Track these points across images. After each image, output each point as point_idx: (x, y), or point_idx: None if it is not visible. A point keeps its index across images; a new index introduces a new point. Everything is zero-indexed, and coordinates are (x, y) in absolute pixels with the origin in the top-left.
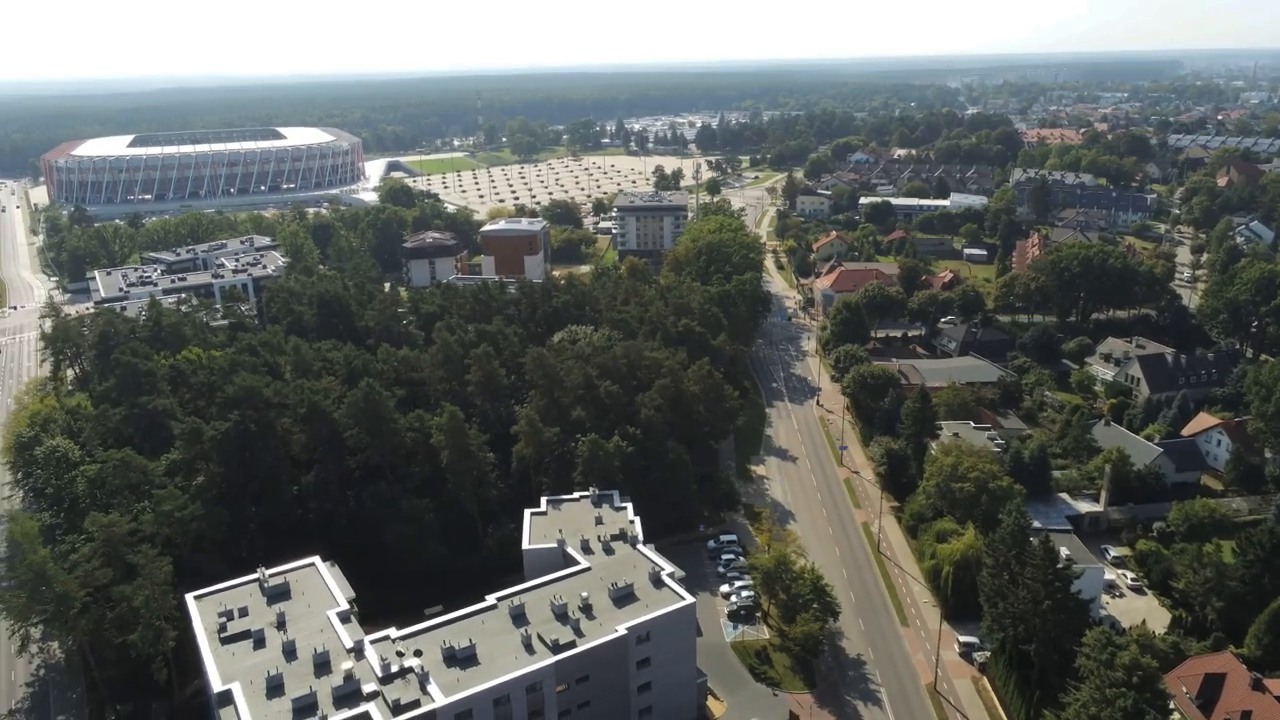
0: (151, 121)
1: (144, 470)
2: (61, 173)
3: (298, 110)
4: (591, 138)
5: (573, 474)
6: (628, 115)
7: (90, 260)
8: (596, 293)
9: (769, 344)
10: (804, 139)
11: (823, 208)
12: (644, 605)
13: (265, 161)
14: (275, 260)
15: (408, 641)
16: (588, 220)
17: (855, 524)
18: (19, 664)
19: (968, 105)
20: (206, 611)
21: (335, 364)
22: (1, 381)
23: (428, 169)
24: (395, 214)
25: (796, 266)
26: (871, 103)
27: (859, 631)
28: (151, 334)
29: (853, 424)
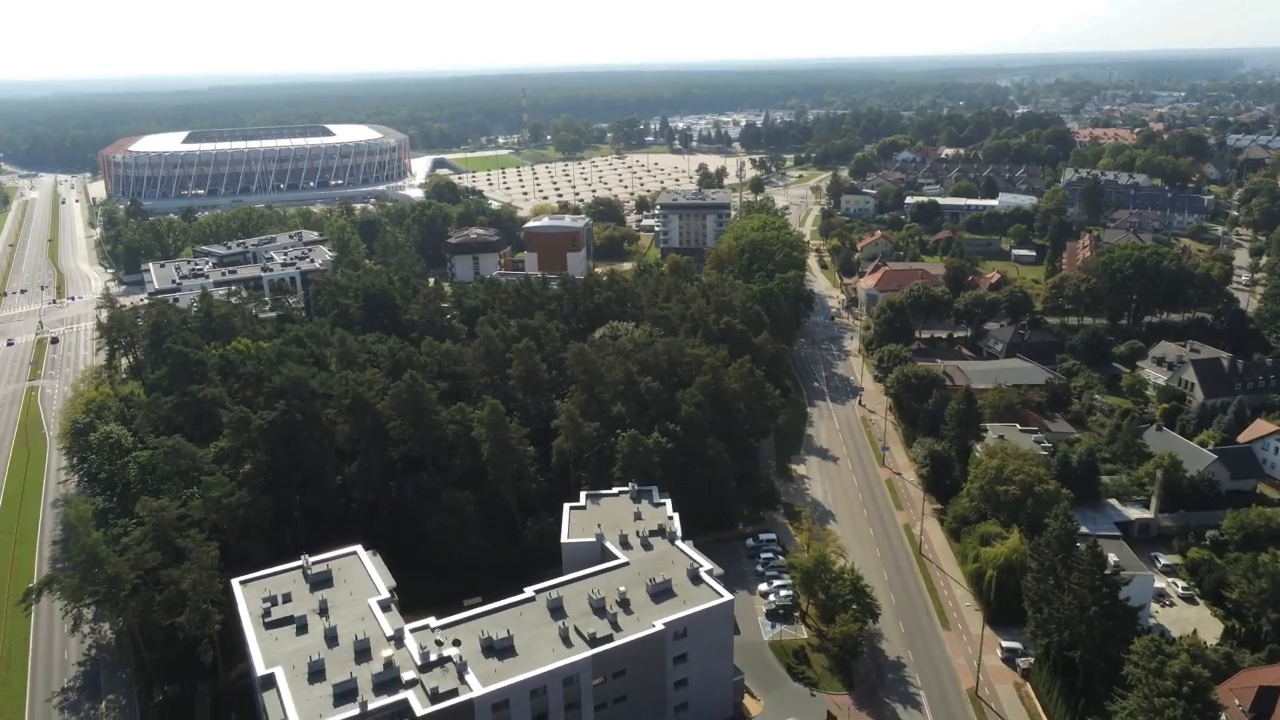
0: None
1: (193, 457)
2: (119, 168)
3: (347, 108)
4: (635, 136)
5: (612, 469)
6: (672, 114)
7: (145, 253)
8: (638, 289)
9: (811, 343)
10: (849, 138)
11: (867, 207)
12: (681, 601)
13: (314, 158)
14: (323, 254)
15: (447, 631)
16: (630, 218)
17: (897, 525)
18: (72, 643)
19: (1018, 104)
20: (251, 596)
21: (379, 356)
22: (59, 370)
23: (473, 166)
24: (440, 210)
25: (840, 266)
26: (919, 102)
27: (899, 634)
28: (202, 325)
29: (895, 425)
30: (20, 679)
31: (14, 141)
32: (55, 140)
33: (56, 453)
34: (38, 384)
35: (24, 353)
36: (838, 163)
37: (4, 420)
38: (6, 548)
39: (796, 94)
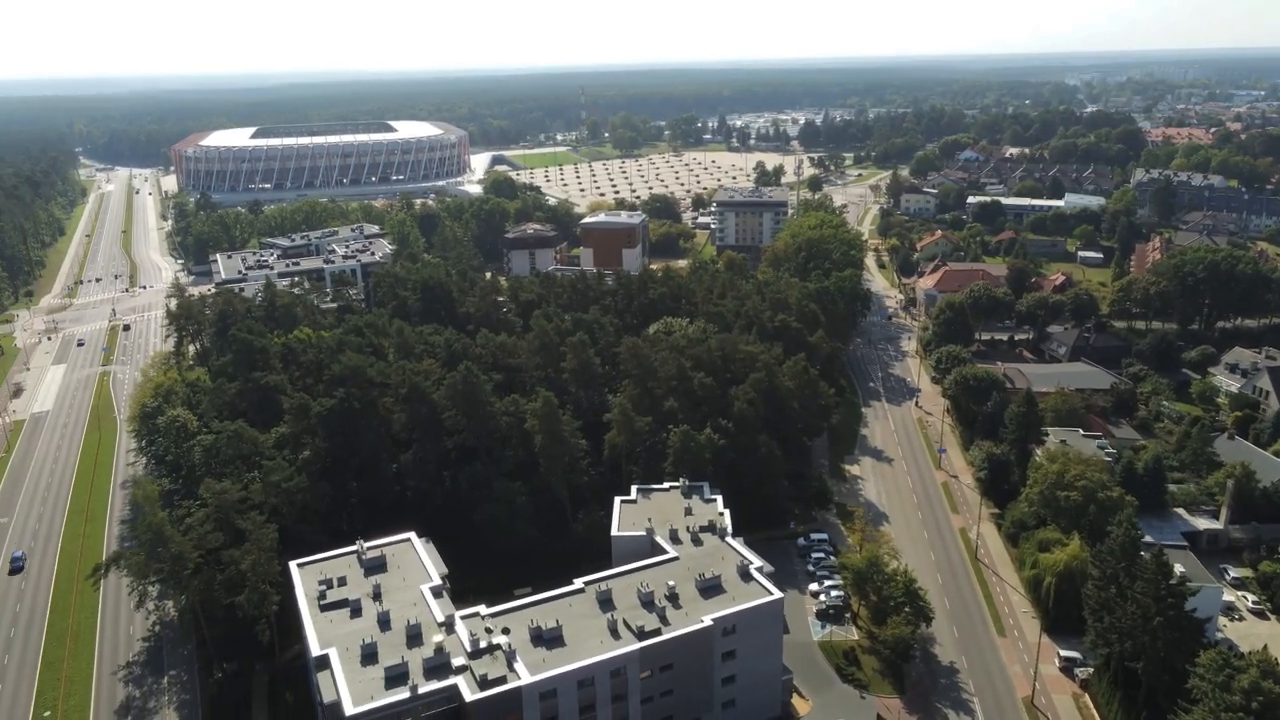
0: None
1: (255, 442)
2: (190, 162)
3: (409, 104)
4: (693, 133)
5: (663, 464)
6: (730, 111)
7: (213, 244)
8: (693, 286)
9: (867, 343)
10: (910, 136)
11: (928, 206)
12: (731, 598)
13: (377, 153)
14: (383, 248)
15: (497, 619)
16: (686, 215)
17: (952, 529)
18: (137, 619)
19: (1086, 103)
20: (308, 579)
21: (436, 347)
22: (130, 356)
23: (530, 163)
24: (498, 205)
25: (899, 265)
26: (983, 100)
27: (952, 639)
28: (266, 314)
29: (952, 427)
30: (89, 651)
31: (93, 136)
32: (131, 135)
33: (126, 435)
34: (110, 369)
35: (97, 339)
36: (898, 162)
37: (78, 404)
38: (78, 525)
39: (857, 92)
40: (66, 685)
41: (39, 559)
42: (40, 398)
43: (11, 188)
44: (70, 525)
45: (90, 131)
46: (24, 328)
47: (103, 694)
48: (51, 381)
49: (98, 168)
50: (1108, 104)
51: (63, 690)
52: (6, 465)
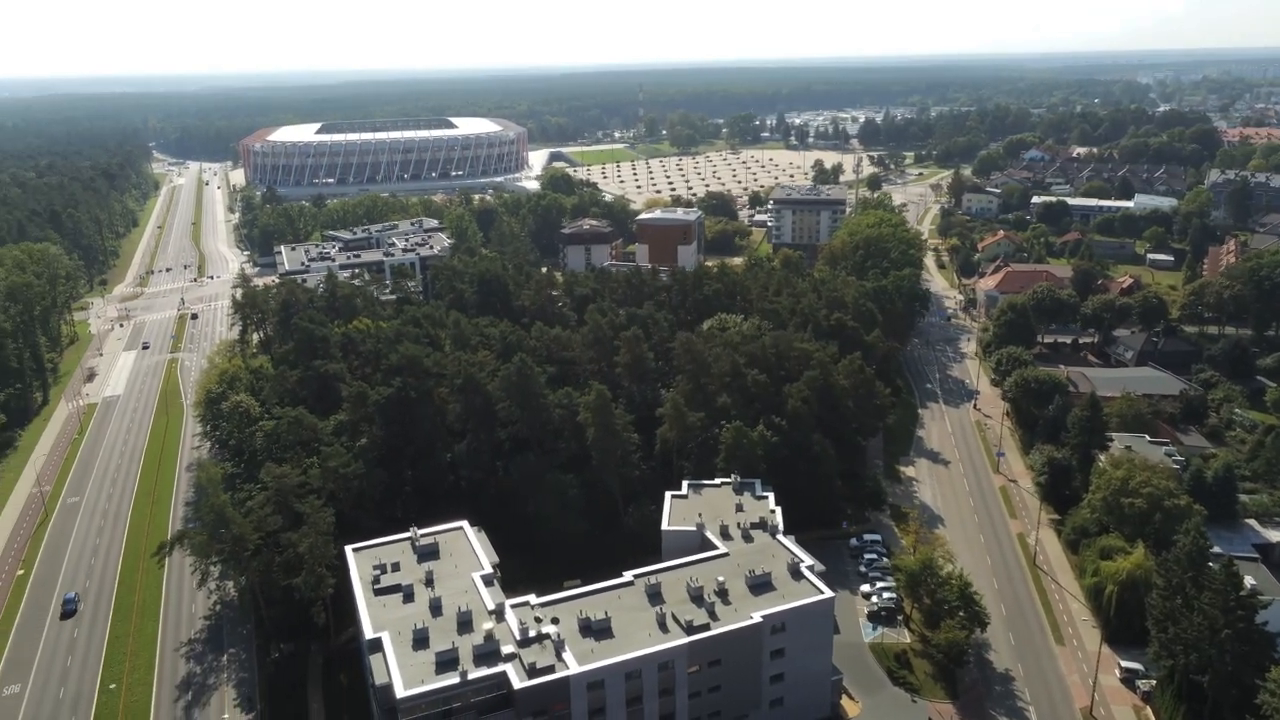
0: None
1: (314, 428)
2: (257, 156)
3: (470, 101)
4: (751, 131)
5: (715, 460)
6: (789, 110)
7: (278, 236)
8: (748, 282)
9: (925, 344)
10: (974, 135)
11: (990, 206)
12: (781, 595)
13: (437, 149)
14: (441, 241)
15: (546, 609)
16: (743, 213)
17: (1009, 534)
18: (199, 598)
19: (1159, 102)
20: (363, 563)
21: (491, 339)
22: (197, 343)
23: (588, 160)
24: (555, 201)
25: (959, 266)
26: (1050, 99)
27: (1008, 645)
28: (327, 304)
29: (1012, 430)
30: (153, 627)
31: (165, 132)
32: (201, 130)
33: (192, 420)
34: (178, 356)
35: (166, 327)
36: (960, 161)
37: (147, 389)
38: (145, 506)
39: (919, 91)
40: (131, 659)
41: (108, 537)
42: (112, 383)
43: (89, 180)
44: (138, 506)
45: (163, 127)
46: (98, 315)
47: (165, 669)
48: (123, 367)
49: (170, 162)
50: (1181, 103)
51: (128, 664)
52: (79, 447)
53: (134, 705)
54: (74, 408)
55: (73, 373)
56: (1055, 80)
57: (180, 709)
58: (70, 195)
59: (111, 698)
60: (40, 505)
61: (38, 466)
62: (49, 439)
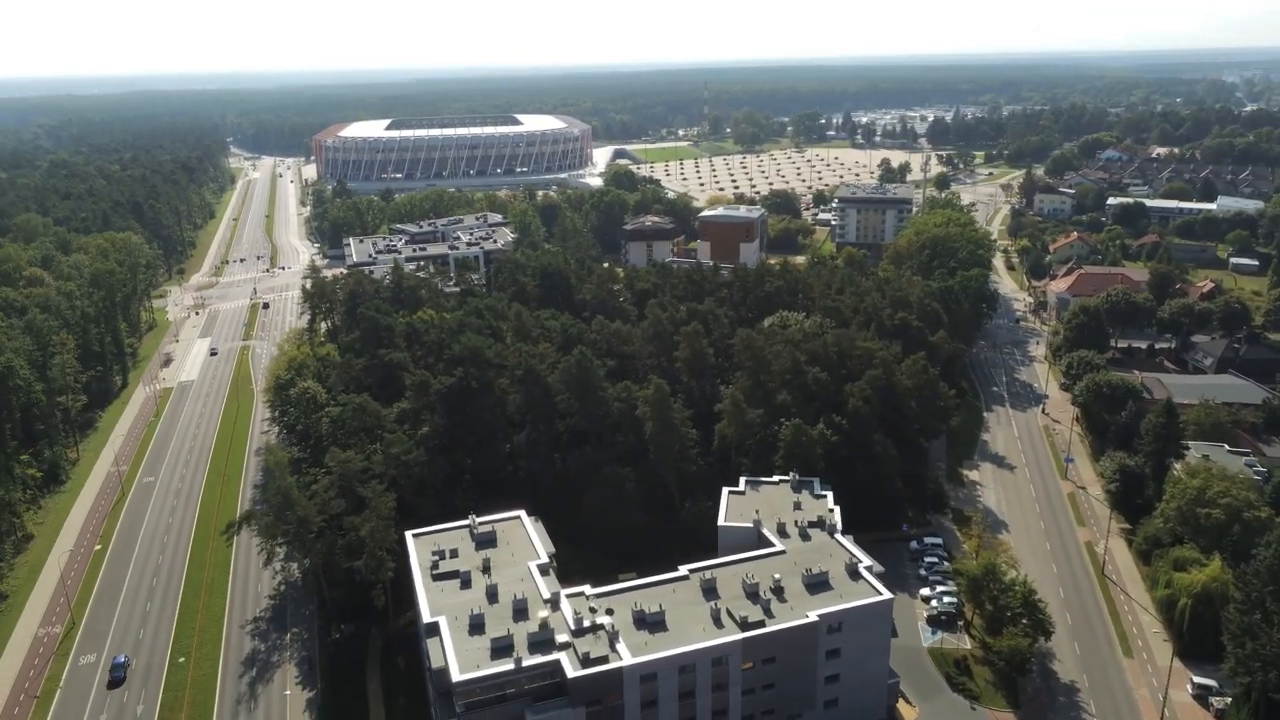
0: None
1: (378, 415)
2: (329, 151)
3: (535, 99)
4: (816, 130)
5: (774, 457)
6: (855, 108)
7: (347, 229)
8: (810, 280)
9: (992, 346)
10: (1047, 134)
11: (1063, 207)
12: (838, 595)
13: (503, 146)
14: (505, 236)
15: (601, 600)
16: (807, 211)
17: (1077, 542)
18: (265, 577)
19: (1246, 101)
20: (422, 549)
21: (552, 331)
22: (268, 332)
23: (651, 157)
24: (618, 197)
25: (1029, 267)
26: (1130, 98)
27: (1073, 655)
28: (393, 295)
29: (1082, 436)
30: (221, 604)
31: (242, 127)
32: (276, 126)
33: (261, 405)
34: (249, 344)
35: (239, 316)
36: (1033, 160)
37: (221, 375)
38: (216, 487)
39: (991, 89)
40: (200, 634)
41: (180, 516)
42: (187, 368)
43: (169, 173)
44: (209, 487)
45: (240, 123)
46: (175, 303)
47: (231, 645)
48: (197, 354)
49: (246, 156)
50: (1270, 102)
51: (196, 639)
52: (155, 429)
53: (201, 678)
54: (151, 391)
55: (150, 358)
56: (1135, 79)
57: (245, 684)
58: (152, 187)
59: (180, 670)
60: (118, 484)
61: (116, 447)
62: (127, 421)
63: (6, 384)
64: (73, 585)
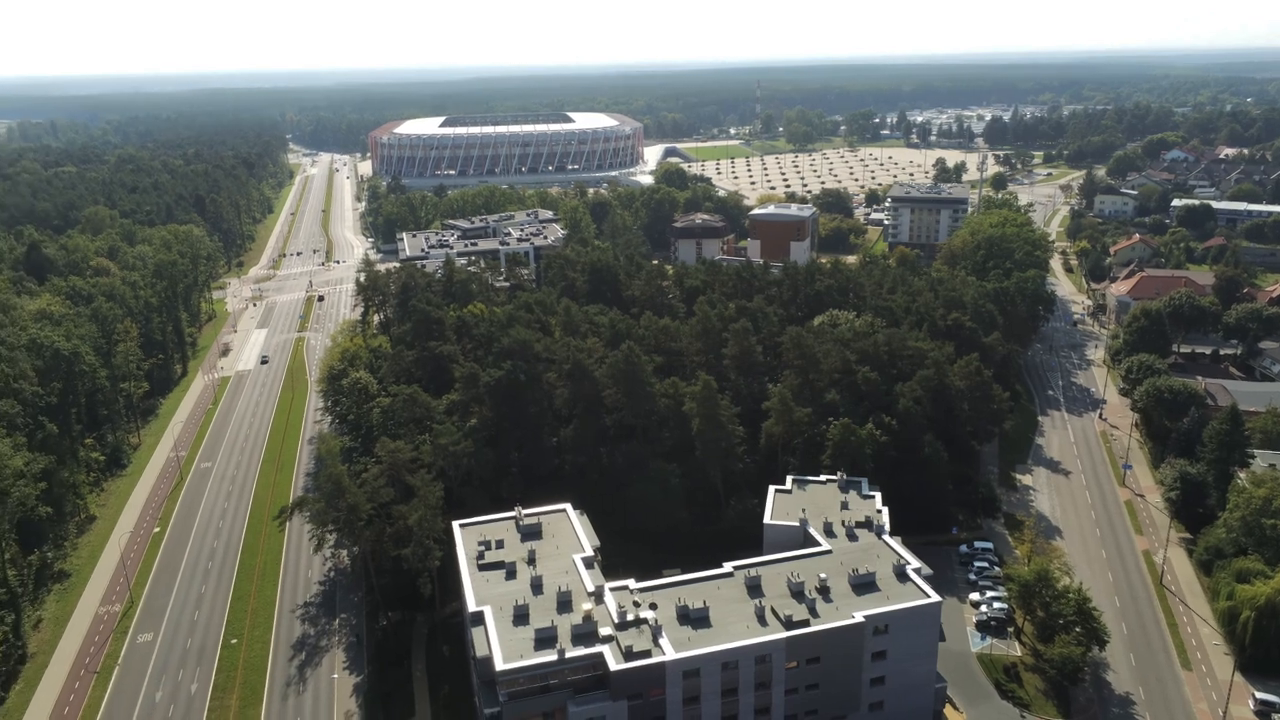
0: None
1: (427, 407)
2: (384, 148)
3: (587, 97)
4: (870, 129)
5: (821, 456)
6: (911, 107)
7: (400, 224)
8: (862, 279)
9: (1048, 349)
10: (1109, 134)
11: (1125, 208)
12: (884, 596)
13: (554, 143)
14: (555, 232)
15: (645, 594)
16: (859, 211)
17: (1134, 550)
18: (315, 563)
19: None
20: (468, 539)
21: (600, 327)
22: (322, 324)
23: (702, 155)
24: (668, 195)
25: (1088, 269)
26: (1197, 97)
27: (1128, 666)
28: (444, 289)
29: (1141, 442)
30: (272, 589)
31: (301, 124)
32: (334, 123)
33: (315, 395)
34: (304, 335)
35: (295, 308)
36: (1094, 161)
37: (277, 365)
38: (270, 474)
39: (1051, 88)
40: (252, 617)
41: (235, 501)
42: (244, 358)
43: (231, 168)
44: (263, 474)
45: (299, 120)
46: (234, 294)
47: (282, 628)
48: (255, 344)
49: (304, 153)
50: None
51: (248, 621)
52: (213, 417)
53: (253, 660)
54: (209, 380)
55: (209, 347)
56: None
57: (294, 667)
58: (214, 182)
59: (232, 652)
60: (176, 469)
61: (175, 433)
62: (186, 408)
63: (73, 369)
64: (132, 566)
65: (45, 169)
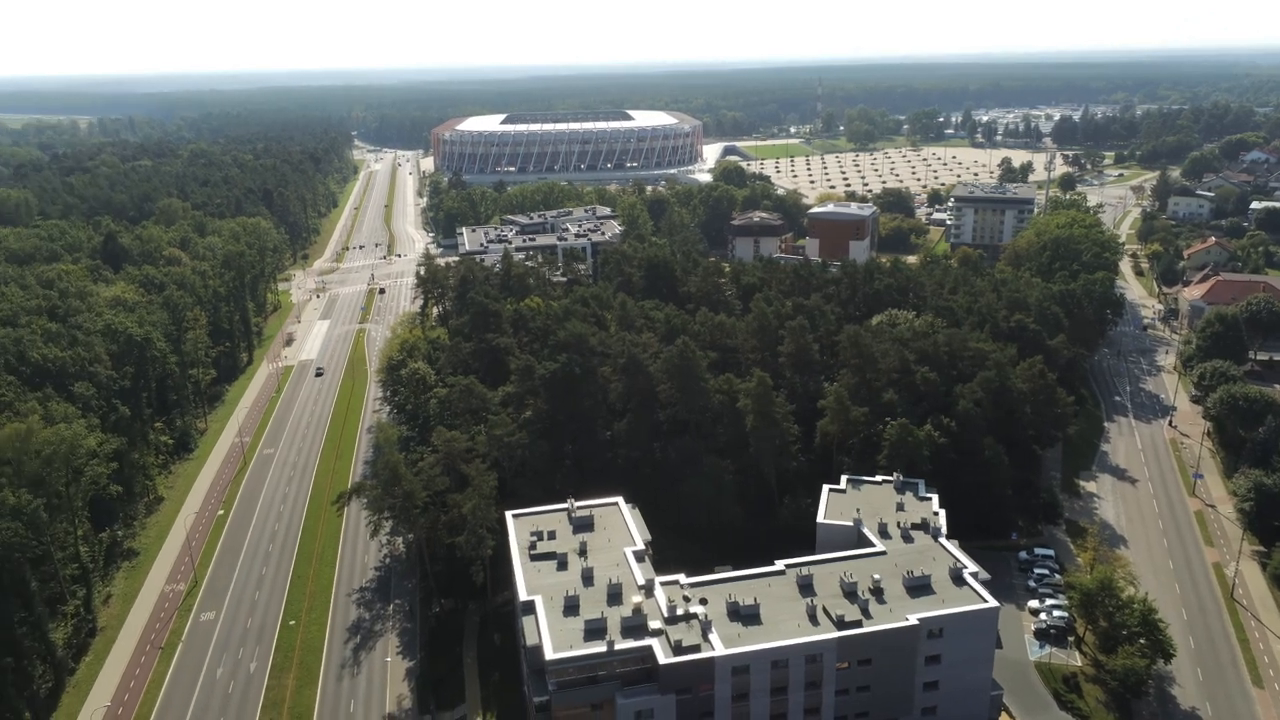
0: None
1: (483, 398)
2: (446, 145)
3: (647, 95)
4: (934, 128)
5: (877, 457)
6: (976, 106)
7: (460, 219)
8: (922, 279)
9: (1116, 354)
10: (1185, 134)
11: (1201, 210)
12: (940, 599)
13: (614, 141)
14: (613, 228)
15: (695, 589)
16: (921, 210)
17: (1204, 562)
18: (371, 550)
19: None
20: (521, 529)
21: (656, 322)
22: (383, 316)
23: (762, 154)
24: (726, 192)
25: (1160, 273)
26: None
27: (1195, 681)
28: (502, 282)
29: (1213, 451)
30: (330, 573)
31: (366, 121)
32: (398, 120)
33: (375, 385)
34: (365, 326)
35: (356, 300)
36: (1168, 162)
37: (338, 355)
38: (330, 461)
39: (1124, 87)
40: (310, 600)
41: (296, 486)
42: (307, 348)
43: (298, 163)
44: (323, 461)
45: (365, 117)
46: (298, 286)
47: (338, 612)
48: (317, 334)
49: (368, 149)
50: None
51: (306, 604)
52: (276, 404)
53: (310, 642)
54: (274, 369)
55: (274, 337)
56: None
57: (349, 650)
58: (281, 176)
59: (290, 633)
60: (240, 454)
61: (240, 419)
62: (251, 395)
63: (145, 355)
64: (197, 546)
65: (123, 163)
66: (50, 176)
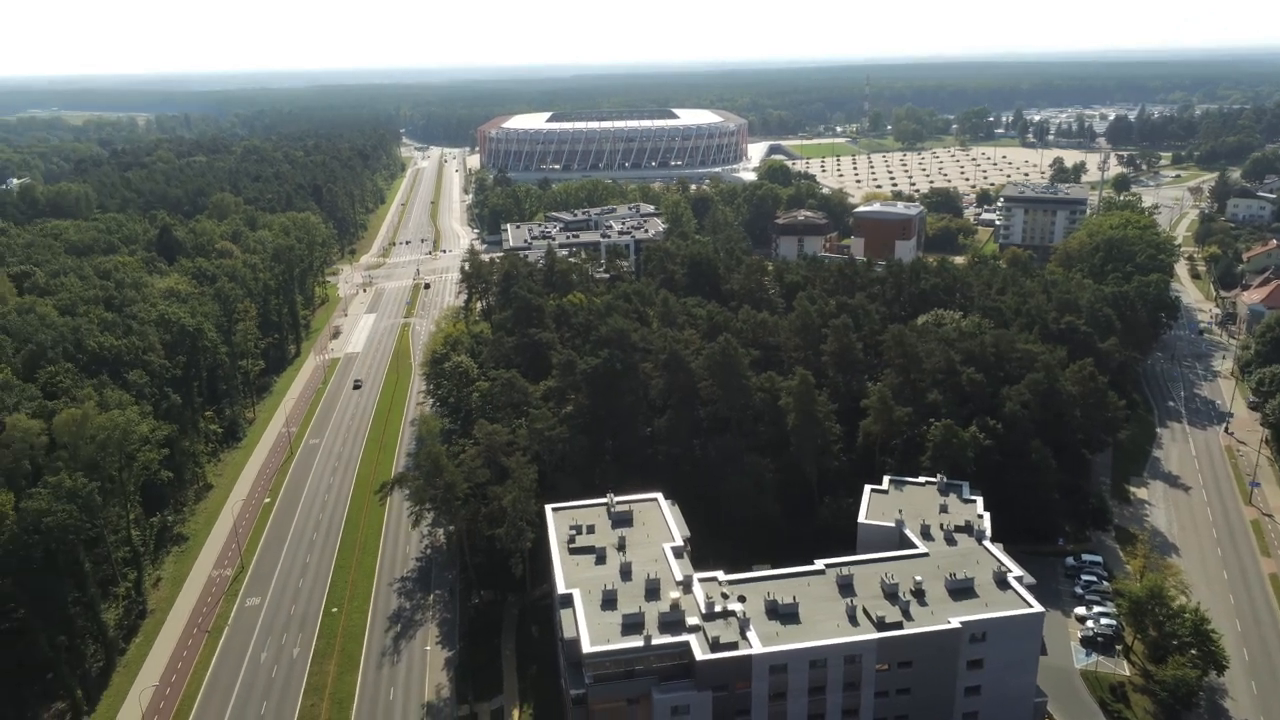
0: (567, 101)
1: (525, 392)
2: (492, 142)
3: (692, 94)
4: (984, 128)
5: (920, 458)
6: (1028, 106)
7: (505, 216)
8: (970, 279)
9: (1170, 358)
10: (1246, 135)
11: (1261, 213)
12: (983, 603)
13: (658, 139)
14: (656, 226)
15: (734, 587)
16: (969, 211)
17: (1260, 573)
18: (413, 540)
19: None
20: (560, 523)
21: (698, 319)
22: (427, 310)
23: (807, 153)
24: (771, 191)
25: (1218, 276)
26: None
27: (1249, 695)
28: (545, 278)
29: (1271, 460)
30: (372, 562)
31: (414, 119)
32: (444, 118)
33: (418, 378)
34: (410, 321)
35: (402, 295)
36: (1227, 163)
37: (383, 349)
38: (374, 452)
39: (1181, 86)
40: (352, 588)
41: (340, 476)
42: (354, 340)
43: (346, 160)
44: (367, 452)
45: (412, 115)
46: (345, 280)
47: (380, 601)
48: (363, 328)
49: (415, 146)
50: None
51: (349, 592)
52: (322, 396)
53: (351, 629)
54: (320, 361)
55: (321, 330)
56: None
57: (390, 638)
58: (330, 172)
59: (333, 620)
60: (287, 444)
61: (287, 410)
62: (298, 386)
63: (197, 345)
64: (244, 533)
65: (178, 158)
66: (109, 171)
